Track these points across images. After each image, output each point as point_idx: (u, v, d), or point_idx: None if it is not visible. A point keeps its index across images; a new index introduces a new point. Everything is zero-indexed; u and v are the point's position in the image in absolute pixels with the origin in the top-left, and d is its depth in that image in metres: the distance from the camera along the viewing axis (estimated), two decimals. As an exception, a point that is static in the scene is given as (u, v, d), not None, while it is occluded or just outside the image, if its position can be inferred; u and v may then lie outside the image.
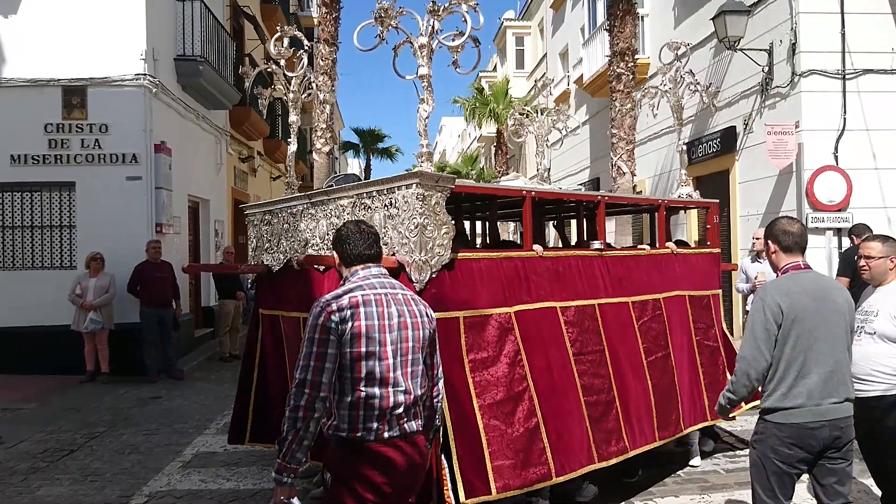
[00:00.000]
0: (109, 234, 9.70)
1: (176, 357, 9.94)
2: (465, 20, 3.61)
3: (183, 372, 9.87)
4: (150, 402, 8.28)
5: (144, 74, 9.97)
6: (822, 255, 9.70)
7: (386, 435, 2.56)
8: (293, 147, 5.49)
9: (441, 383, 2.92)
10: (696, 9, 12.79)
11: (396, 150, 37.26)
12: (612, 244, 5.18)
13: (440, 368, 2.91)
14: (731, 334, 11.37)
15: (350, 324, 2.54)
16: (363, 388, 2.55)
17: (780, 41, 10.24)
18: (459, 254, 3.83)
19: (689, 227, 12.81)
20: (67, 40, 9.81)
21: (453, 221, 3.87)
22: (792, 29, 9.96)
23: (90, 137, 9.93)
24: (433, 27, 3.65)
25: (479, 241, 6.66)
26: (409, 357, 2.66)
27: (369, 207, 3.90)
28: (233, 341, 11.59)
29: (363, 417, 2.55)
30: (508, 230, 15.89)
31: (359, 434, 2.55)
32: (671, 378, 5.17)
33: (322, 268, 4.26)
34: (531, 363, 4.06)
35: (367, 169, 35.86)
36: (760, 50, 10.54)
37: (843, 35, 9.80)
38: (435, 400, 2.88)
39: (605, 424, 4.44)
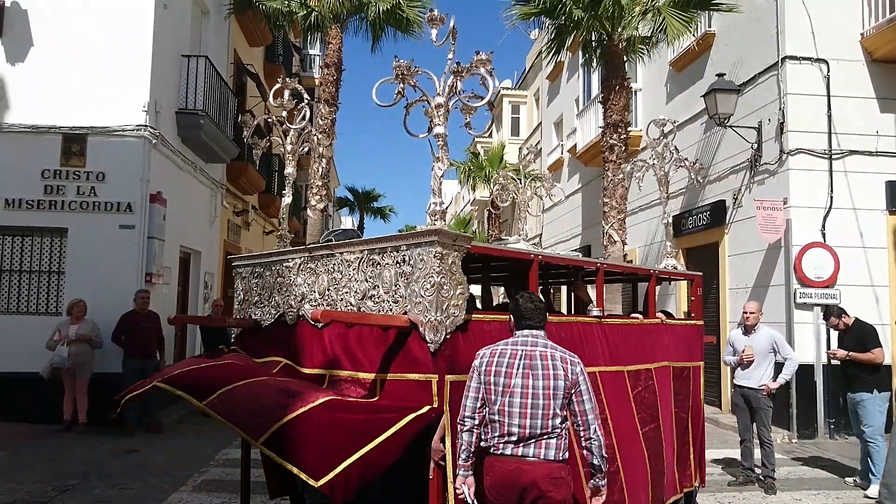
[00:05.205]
0: (98, 281, 9.66)
1: (156, 409, 9.75)
2: (485, 84, 3.70)
3: (162, 424, 9.67)
4: (127, 454, 8.07)
5: (145, 126, 10.11)
6: (809, 330, 9.76)
7: (498, 452, 3.41)
8: (288, 199, 5.30)
9: (593, 429, 3.43)
10: (687, 85, 13.17)
11: (390, 210, 37.79)
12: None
13: (588, 415, 3.44)
14: (720, 407, 11.34)
15: (483, 367, 3.45)
16: (490, 415, 3.43)
17: (769, 120, 10.52)
18: (472, 315, 3.74)
19: (678, 298, 12.86)
20: (72, 89, 9.96)
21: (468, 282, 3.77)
22: (780, 109, 10.25)
23: (86, 185, 9.99)
24: (454, 87, 3.71)
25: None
26: (529, 400, 3.39)
27: (378, 264, 3.81)
28: (215, 395, 11.36)
29: (490, 435, 3.44)
30: (499, 294, 15.84)
31: (483, 444, 3.45)
32: (660, 448, 5.10)
33: (320, 324, 4.10)
34: None
35: (360, 227, 36.18)
36: (749, 127, 10.81)
37: (830, 116, 10.10)
38: (589, 442, 3.44)
39: (611, 497, 4.26)
